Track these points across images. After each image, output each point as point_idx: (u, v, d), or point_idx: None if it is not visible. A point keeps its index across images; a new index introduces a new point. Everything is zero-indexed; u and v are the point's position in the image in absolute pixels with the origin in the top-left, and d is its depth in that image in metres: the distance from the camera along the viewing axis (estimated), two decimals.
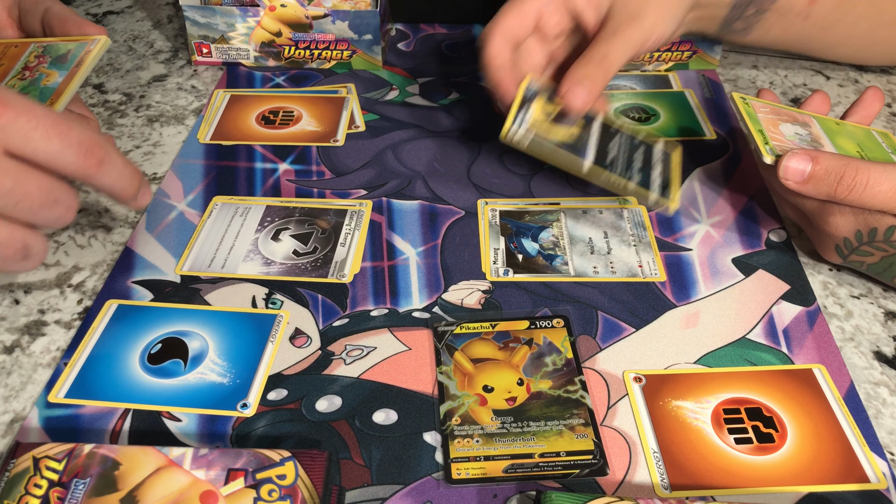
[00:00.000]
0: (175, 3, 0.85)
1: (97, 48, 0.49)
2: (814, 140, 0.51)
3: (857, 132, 0.54)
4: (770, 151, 0.48)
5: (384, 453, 0.40)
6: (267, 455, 0.37)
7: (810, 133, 0.52)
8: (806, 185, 0.47)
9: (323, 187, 0.58)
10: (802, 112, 0.55)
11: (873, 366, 0.45)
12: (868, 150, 0.52)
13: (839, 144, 0.51)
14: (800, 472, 0.39)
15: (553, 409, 0.42)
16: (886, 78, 0.72)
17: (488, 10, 0.77)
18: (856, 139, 0.53)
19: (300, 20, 0.69)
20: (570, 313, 0.48)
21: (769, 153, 0.48)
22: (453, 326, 0.47)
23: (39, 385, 0.44)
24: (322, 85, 0.70)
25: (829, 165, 0.46)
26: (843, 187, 0.45)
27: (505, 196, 0.57)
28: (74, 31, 0.50)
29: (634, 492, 0.39)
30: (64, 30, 0.50)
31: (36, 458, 0.36)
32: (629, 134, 0.55)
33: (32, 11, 0.52)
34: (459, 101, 0.68)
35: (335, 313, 0.48)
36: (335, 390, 0.44)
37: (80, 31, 0.50)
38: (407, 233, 0.54)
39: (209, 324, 0.47)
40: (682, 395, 0.43)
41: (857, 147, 0.52)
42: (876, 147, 0.53)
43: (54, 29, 0.51)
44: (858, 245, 0.47)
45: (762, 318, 0.48)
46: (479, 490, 0.39)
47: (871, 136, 0.54)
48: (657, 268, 0.51)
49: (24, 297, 0.50)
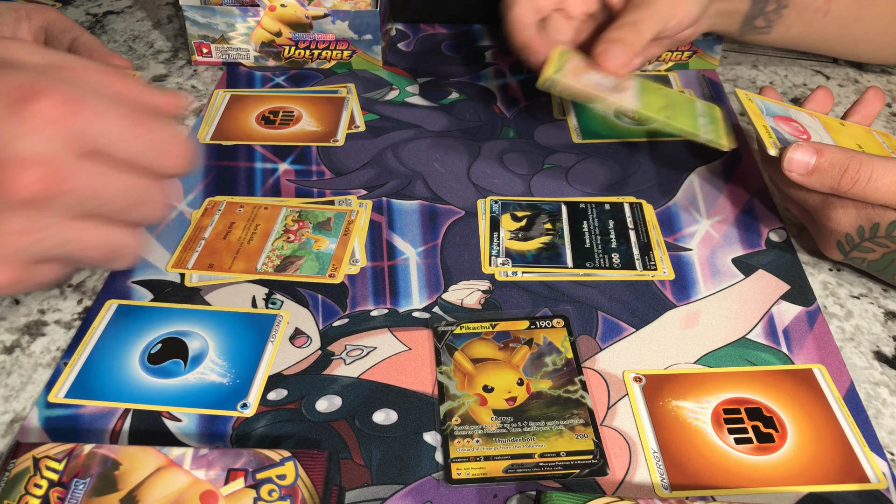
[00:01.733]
0: (175, 3, 0.85)
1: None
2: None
3: (858, 132, 0.54)
4: (774, 144, 0.48)
5: (384, 453, 0.40)
6: (267, 455, 0.37)
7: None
8: (810, 178, 0.47)
9: (323, 187, 0.58)
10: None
11: (873, 366, 0.45)
12: (868, 150, 0.52)
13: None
14: (800, 472, 0.39)
15: (553, 409, 0.42)
16: (886, 78, 0.72)
17: (488, 11, 0.78)
18: (856, 139, 0.53)
19: (300, 20, 0.69)
20: (570, 313, 0.48)
21: (773, 146, 0.48)
22: (453, 326, 0.47)
23: (39, 385, 0.44)
24: (322, 85, 0.70)
25: (834, 158, 0.46)
26: (847, 180, 0.45)
27: (505, 196, 0.57)
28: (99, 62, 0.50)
29: (634, 492, 0.39)
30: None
31: (36, 458, 0.36)
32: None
33: (60, 39, 0.52)
34: (459, 101, 0.68)
35: (335, 313, 0.48)
36: (335, 390, 0.44)
37: (104, 62, 0.50)
38: (407, 233, 0.54)
39: (209, 324, 0.47)
40: (682, 395, 0.43)
41: (858, 147, 0.52)
42: (877, 147, 0.53)
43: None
44: (860, 241, 0.47)
45: (762, 318, 0.48)
46: (479, 490, 0.39)
47: (872, 136, 0.54)
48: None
49: (24, 297, 0.50)
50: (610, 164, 0.60)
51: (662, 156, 0.61)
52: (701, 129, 0.53)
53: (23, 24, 0.52)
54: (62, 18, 0.53)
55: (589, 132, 0.64)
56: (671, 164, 0.60)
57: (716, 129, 0.54)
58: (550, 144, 0.63)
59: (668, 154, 0.62)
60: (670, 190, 0.58)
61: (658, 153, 0.62)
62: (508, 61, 0.73)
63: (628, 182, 0.59)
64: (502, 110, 0.67)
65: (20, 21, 0.53)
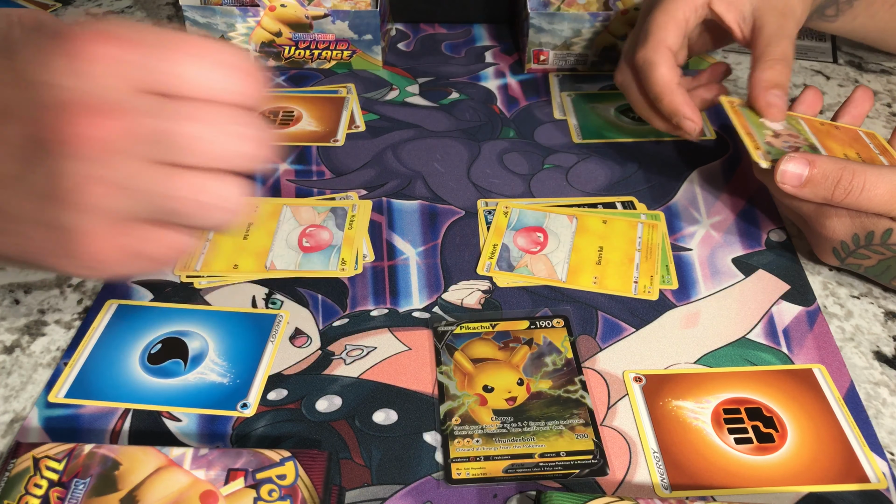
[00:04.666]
0: (175, 3, 0.85)
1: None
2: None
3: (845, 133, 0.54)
4: (763, 157, 0.48)
5: (384, 453, 0.40)
6: (267, 455, 0.37)
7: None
8: (803, 189, 0.47)
9: (323, 187, 0.58)
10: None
11: (873, 366, 0.45)
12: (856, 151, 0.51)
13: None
14: (800, 472, 0.39)
15: (553, 409, 0.42)
16: (886, 78, 0.72)
17: (488, 11, 0.78)
18: (843, 141, 0.52)
19: (300, 20, 0.69)
20: (570, 313, 0.48)
21: (762, 158, 0.48)
22: (453, 326, 0.47)
23: (39, 385, 0.44)
24: (322, 85, 0.70)
25: (826, 169, 0.46)
26: (840, 191, 0.45)
27: (505, 196, 0.57)
28: None
29: (634, 492, 0.39)
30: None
31: (36, 458, 0.36)
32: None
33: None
34: (459, 101, 0.68)
35: (335, 313, 0.48)
36: (335, 390, 0.44)
37: None
38: (407, 233, 0.54)
39: (209, 324, 0.47)
40: (682, 395, 0.43)
41: (845, 148, 0.51)
42: (863, 148, 0.52)
43: None
44: (855, 248, 0.47)
45: (762, 318, 0.48)
46: (479, 490, 0.39)
47: (859, 137, 0.54)
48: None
49: (24, 297, 0.50)
50: (610, 164, 0.60)
51: (662, 156, 0.61)
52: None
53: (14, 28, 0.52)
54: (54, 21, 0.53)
55: (589, 132, 0.64)
56: (671, 164, 0.60)
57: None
58: (550, 144, 0.63)
59: (668, 154, 0.62)
60: (670, 190, 0.58)
61: (658, 153, 0.62)
62: (508, 61, 0.73)
63: (628, 182, 0.59)
64: (502, 110, 0.67)
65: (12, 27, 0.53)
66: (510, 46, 0.75)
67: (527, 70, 0.71)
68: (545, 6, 0.68)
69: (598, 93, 0.69)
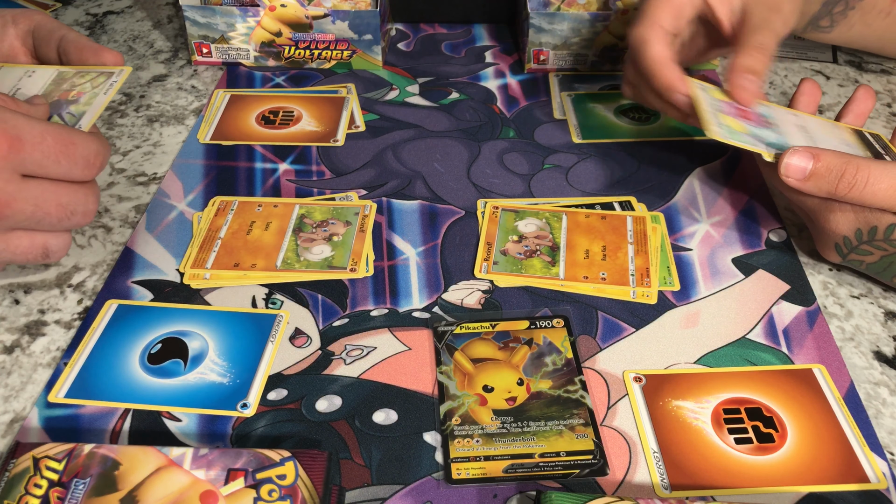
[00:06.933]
0: (175, 3, 0.85)
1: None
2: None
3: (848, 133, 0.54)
4: (768, 150, 0.48)
5: (384, 453, 0.40)
6: (267, 455, 0.37)
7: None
8: (807, 183, 0.47)
9: (323, 187, 0.58)
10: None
11: (873, 366, 0.45)
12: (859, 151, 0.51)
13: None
14: (800, 472, 0.39)
15: (553, 409, 0.42)
16: (886, 78, 0.72)
17: (488, 11, 0.78)
18: (845, 140, 0.52)
19: (300, 20, 0.69)
20: (570, 313, 0.48)
21: (767, 151, 0.48)
22: (453, 326, 0.47)
23: (39, 385, 0.44)
24: (322, 85, 0.70)
25: (830, 163, 0.46)
26: (844, 185, 0.45)
27: (505, 196, 0.57)
28: (91, 58, 0.50)
29: (634, 492, 0.39)
30: (81, 57, 0.50)
31: (36, 458, 0.36)
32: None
33: (48, 40, 0.52)
34: (459, 101, 0.68)
35: (335, 313, 0.48)
36: (335, 390, 0.44)
37: (97, 58, 0.50)
38: (407, 233, 0.54)
39: (209, 324, 0.47)
40: (682, 395, 0.43)
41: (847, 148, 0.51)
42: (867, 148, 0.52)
43: (70, 56, 0.50)
44: (858, 244, 0.47)
45: (762, 318, 0.48)
46: (479, 490, 0.39)
47: (863, 136, 0.54)
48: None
49: (24, 297, 0.50)
50: (610, 164, 0.60)
51: (662, 156, 0.61)
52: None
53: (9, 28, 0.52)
54: (48, 20, 0.53)
55: (589, 132, 0.64)
56: (671, 164, 0.60)
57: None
58: (550, 144, 0.63)
59: (668, 154, 0.62)
60: (670, 190, 0.58)
61: (658, 153, 0.62)
62: (508, 61, 0.73)
63: (628, 182, 0.59)
64: (502, 110, 0.67)
65: (6, 26, 0.52)
66: (510, 46, 0.75)
67: (527, 70, 0.71)
68: (545, 6, 0.68)
69: (598, 93, 0.69)
